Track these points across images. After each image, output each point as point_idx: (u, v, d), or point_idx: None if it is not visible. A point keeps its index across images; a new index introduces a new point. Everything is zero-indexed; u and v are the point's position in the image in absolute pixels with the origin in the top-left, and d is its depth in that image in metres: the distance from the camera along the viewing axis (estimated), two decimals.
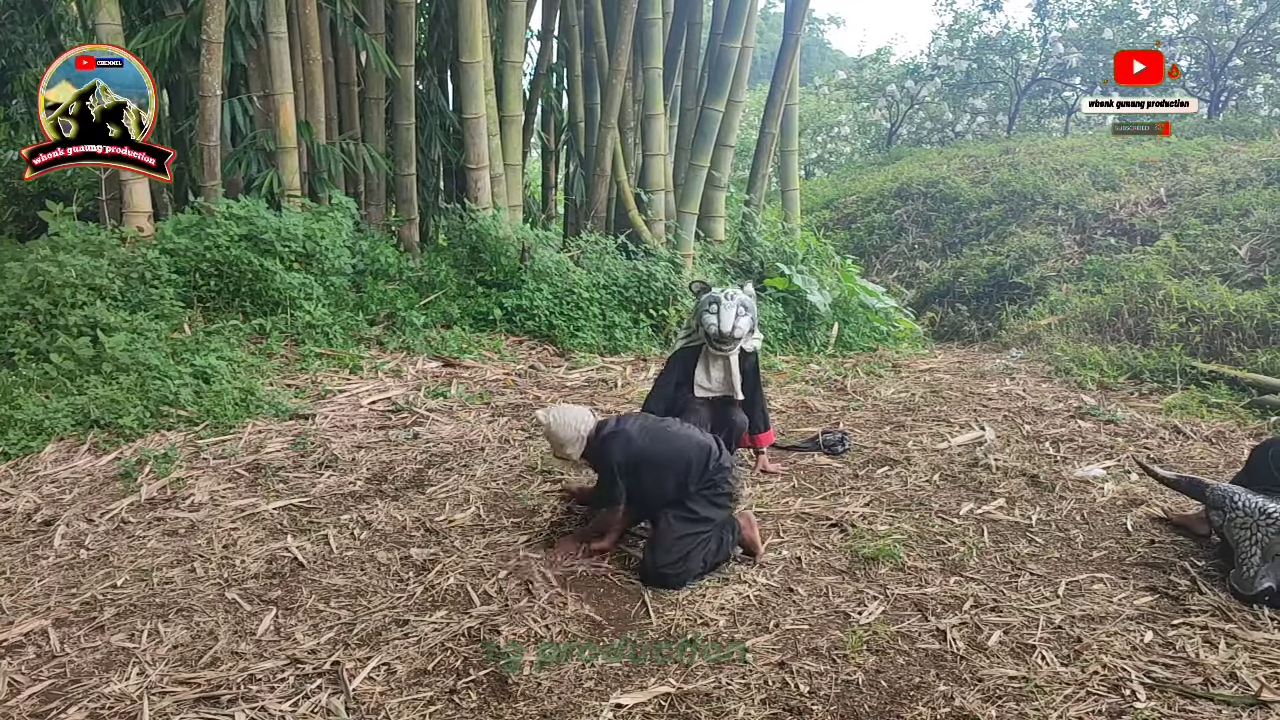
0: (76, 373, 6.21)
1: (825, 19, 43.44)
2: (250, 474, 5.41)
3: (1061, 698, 3.34)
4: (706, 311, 5.18)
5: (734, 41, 9.55)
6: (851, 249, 13.15)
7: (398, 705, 3.36)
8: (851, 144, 22.92)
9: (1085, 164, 12.99)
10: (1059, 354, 7.91)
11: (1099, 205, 11.58)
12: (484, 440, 6.02)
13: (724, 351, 5.22)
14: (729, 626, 3.88)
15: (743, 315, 5.15)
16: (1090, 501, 5.09)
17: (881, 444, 6.04)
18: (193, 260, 7.33)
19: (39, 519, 4.89)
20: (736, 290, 5.24)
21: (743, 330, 5.15)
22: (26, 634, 3.84)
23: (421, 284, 8.51)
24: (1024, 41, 20.20)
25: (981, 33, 20.60)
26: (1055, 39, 19.36)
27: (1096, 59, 18.20)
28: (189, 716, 3.30)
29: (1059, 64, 18.84)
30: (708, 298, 5.23)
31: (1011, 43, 20.10)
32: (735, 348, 5.23)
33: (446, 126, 10.17)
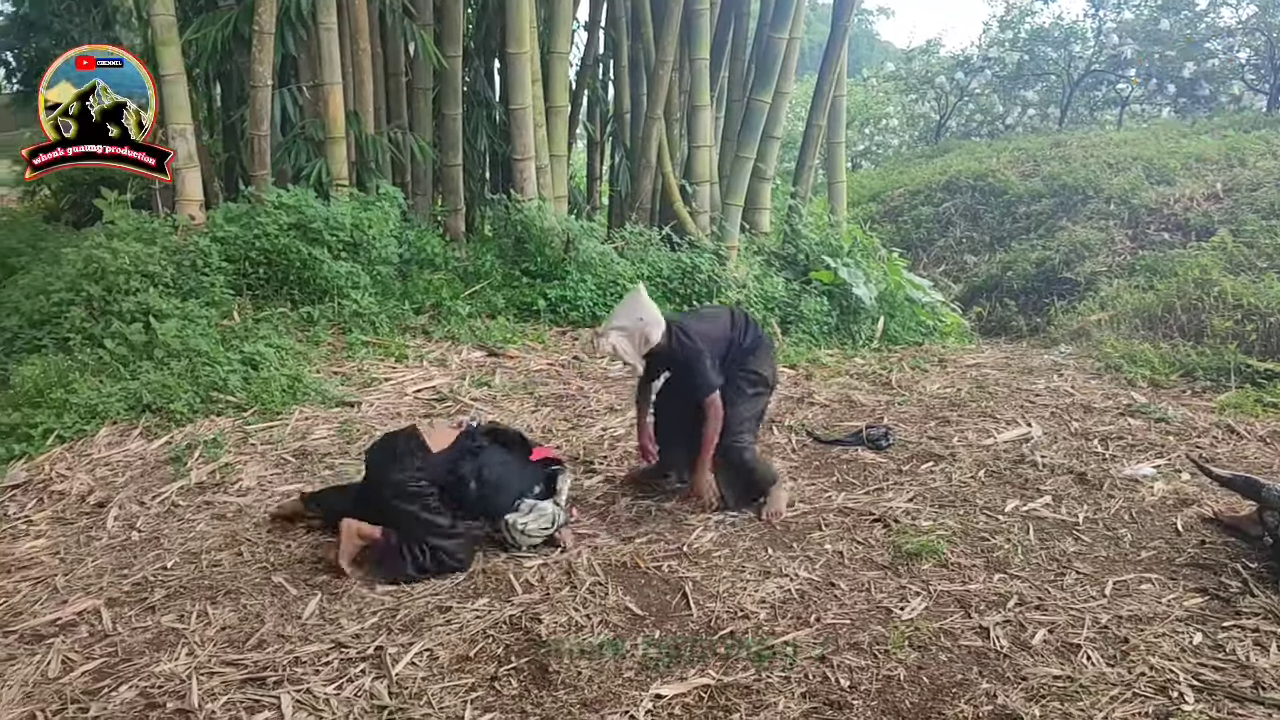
0: (129, 358, 6.33)
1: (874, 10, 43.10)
2: (297, 460, 5.48)
3: (1107, 698, 3.29)
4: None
5: (782, 32, 9.47)
6: (898, 242, 13.01)
7: (439, 691, 3.39)
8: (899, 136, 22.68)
9: (1139, 157, 12.73)
10: (1109, 350, 7.77)
11: (1153, 200, 11.35)
12: (526, 430, 6.04)
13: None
14: (769, 620, 3.87)
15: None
16: (1139, 500, 5.00)
17: (926, 439, 5.98)
18: (242, 248, 7.42)
19: (93, 501, 5.00)
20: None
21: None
22: (80, 613, 3.93)
23: (467, 274, 8.56)
24: (1077, 32, 19.85)
25: (1034, 24, 20.28)
26: (1110, 30, 19.00)
27: (1153, 50, 17.83)
28: (236, 697, 3.36)
29: (1113, 55, 18.48)
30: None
31: (1065, 34, 19.76)
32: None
33: (493, 117, 10.21)
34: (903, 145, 22.22)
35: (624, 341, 4.50)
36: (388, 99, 9.24)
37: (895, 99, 23.06)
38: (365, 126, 8.66)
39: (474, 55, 10.18)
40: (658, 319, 4.58)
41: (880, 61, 27.13)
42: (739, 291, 8.44)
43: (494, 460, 4.44)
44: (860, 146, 22.55)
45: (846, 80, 11.25)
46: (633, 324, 4.53)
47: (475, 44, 10.22)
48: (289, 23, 8.02)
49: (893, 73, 22.87)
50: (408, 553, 4.17)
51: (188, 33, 8.06)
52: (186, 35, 8.02)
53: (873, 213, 14.65)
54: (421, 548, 4.18)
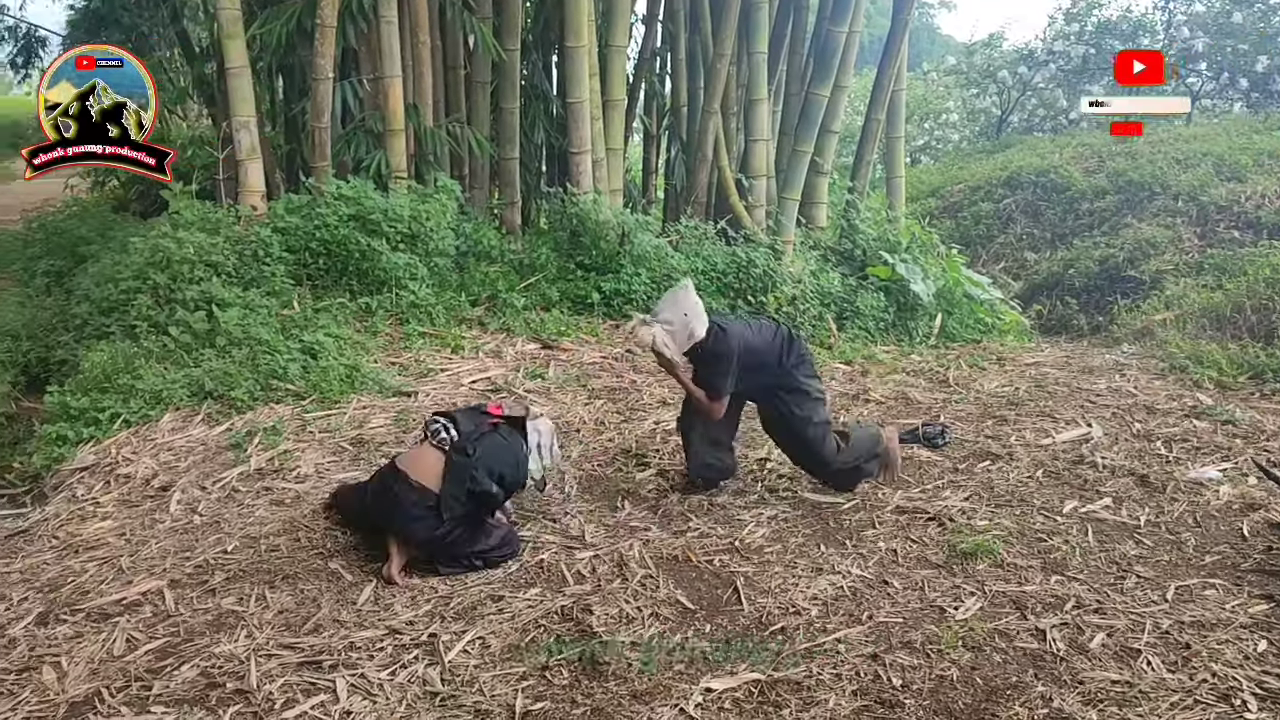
0: (193, 345, 6.46)
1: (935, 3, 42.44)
2: (354, 448, 5.55)
3: (1167, 705, 3.23)
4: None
5: (841, 26, 9.38)
6: (957, 238, 12.82)
7: (491, 679, 3.42)
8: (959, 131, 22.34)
9: (1209, 154, 12.42)
10: (1174, 350, 7.60)
11: (1222, 197, 11.07)
12: (579, 422, 6.07)
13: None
14: (821, 616, 3.85)
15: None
16: (1204, 504, 4.89)
17: (983, 438, 5.90)
18: (303, 239, 7.53)
19: (157, 485, 5.11)
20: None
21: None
22: (144, 593, 4.02)
23: (522, 266, 8.61)
24: (1146, 25, 19.38)
25: (1101, 16, 19.83)
26: (1180, 23, 18.53)
27: (1224, 44, 17.35)
28: (293, 679, 3.42)
29: (1184, 49, 18.03)
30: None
31: (1133, 27, 19.29)
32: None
33: (550, 111, 10.24)
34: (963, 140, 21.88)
35: (667, 335, 4.57)
36: (446, 92, 9.32)
37: (956, 93, 22.72)
38: (424, 119, 8.74)
39: (532, 49, 10.22)
40: (703, 317, 4.66)
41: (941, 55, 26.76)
42: (794, 286, 8.38)
43: (495, 453, 4.35)
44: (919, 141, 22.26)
45: (906, 74, 11.12)
46: (679, 320, 4.60)
47: (533, 37, 10.26)
48: (350, 16, 8.11)
49: (953, 67, 22.51)
50: (457, 565, 4.22)
51: (253, 27, 8.19)
52: (251, 30, 8.15)
53: (931, 208, 14.46)
54: (466, 560, 4.23)
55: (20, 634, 3.73)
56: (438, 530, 4.14)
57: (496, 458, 4.35)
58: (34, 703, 3.31)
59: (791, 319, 8.23)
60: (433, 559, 4.21)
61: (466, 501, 4.19)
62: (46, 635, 3.72)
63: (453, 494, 4.17)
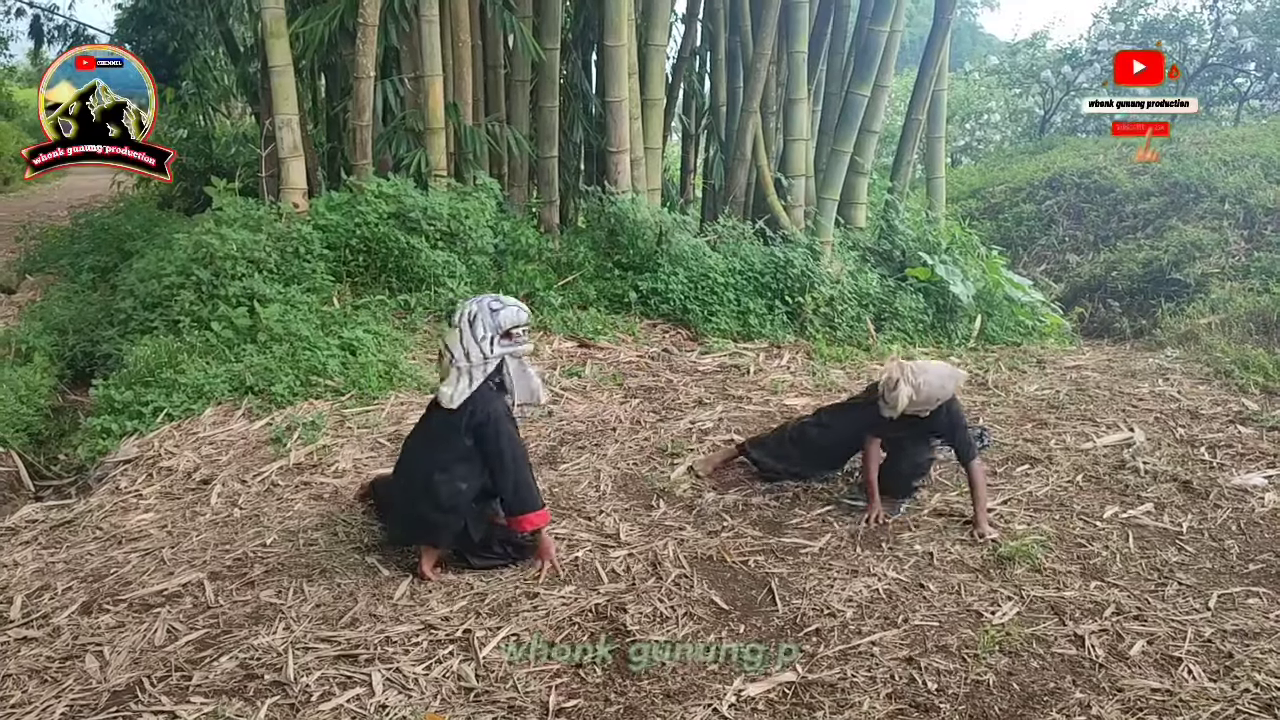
0: (234, 341, 6.55)
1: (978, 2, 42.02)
2: (392, 444, 5.59)
3: (1208, 714, 3.18)
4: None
5: (882, 25, 9.32)
6: (998, 240, 12.71)
7: (525, 676, 3.44)
8: (1001, 131, 22.10)
9: (1257, 155, 12.21)
10: (1219, 355, 7.47)
11: (1270, 199, 10.87)
12: (616, 420, 6.08)
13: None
14: (856, 619, 3.83)
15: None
16: (1249, 511, 4.81)
17: (1022, 442, 5.84)
18: (343, 236, 7.61)
19: (198, 478, 5.18)
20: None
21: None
22: (185, 585, 4.08)
23: (560, 265, 8.63)
24: (1194, 25, 19.06)
25: (1147, 16, 19.53)
26: (1229, 22, 18.22)
27: (1274, 43, 17.04)
28: (329, 672, 3.45)
29: (1232, 48, 17.73)
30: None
31: (1180, 26, 18.97)
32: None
33: (589, 110, 10.27)
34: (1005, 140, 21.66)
35: (911, 397, 4.50)
36: (486, 91, 9.37)
37: (998, 93, 22.48)
38: (464, 118, 8.79)
39: (571, 48, 10.25)
40: (949, 394, 4.68)
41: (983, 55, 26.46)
42: (832, 287, 8.34)
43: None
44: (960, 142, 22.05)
45: (948, 74, 11.02)
46: (931, 390, 4.54)
47: (573, 36, 10.29)
48: (392, 16, 8.18)
49: (996, 66, 22.28)
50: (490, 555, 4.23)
51: (295, 25, 8.28)
52: (294, 28, 8.24)
53: (972, 209, 14.33)
54: (499, 548, 4.23)
55: (64, 623, 3.80)
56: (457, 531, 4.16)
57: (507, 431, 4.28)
58: (77, 690, 3.37)
59: (829, 319, 8.20)
60: (462, 555, 4.23)
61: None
62: (90, 624, 3.79)
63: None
